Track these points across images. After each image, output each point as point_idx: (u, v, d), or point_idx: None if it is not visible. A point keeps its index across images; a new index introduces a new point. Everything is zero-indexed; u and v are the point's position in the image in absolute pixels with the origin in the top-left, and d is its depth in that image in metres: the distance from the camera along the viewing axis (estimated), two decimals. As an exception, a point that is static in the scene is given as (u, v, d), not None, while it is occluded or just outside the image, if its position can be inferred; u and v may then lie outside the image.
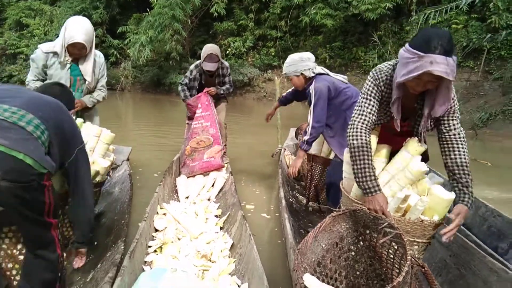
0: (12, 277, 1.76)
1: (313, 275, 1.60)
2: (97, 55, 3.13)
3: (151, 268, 2.12)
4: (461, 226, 2.37)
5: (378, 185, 1.73)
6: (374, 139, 1.93)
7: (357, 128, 1.81)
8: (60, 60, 2.89)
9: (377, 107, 1.85)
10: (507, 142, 6.84)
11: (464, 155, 1.77)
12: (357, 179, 1.77)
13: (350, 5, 11.32)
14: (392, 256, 1.57)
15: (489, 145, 6.84)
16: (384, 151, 1.95)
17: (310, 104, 2.78)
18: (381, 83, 1.83)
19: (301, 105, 12.20)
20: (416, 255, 1.71)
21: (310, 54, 2.94)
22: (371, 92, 1.85)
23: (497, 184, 4.28)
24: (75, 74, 3.01)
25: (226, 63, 4.32)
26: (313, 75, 2.80)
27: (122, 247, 2.11)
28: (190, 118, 4.18)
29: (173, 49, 12.91)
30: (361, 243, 1.73)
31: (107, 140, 2.68)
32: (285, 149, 4.62)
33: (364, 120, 1.82)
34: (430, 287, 1.51)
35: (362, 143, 1.77)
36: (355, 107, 1.92)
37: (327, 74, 2.91)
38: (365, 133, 1.80)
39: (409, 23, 10.69)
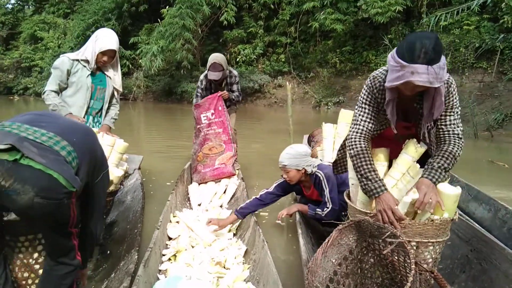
0: (28, 286, 1.79)
1: None
2: None
3: (165, 277, 2.12)
4: (481, 228, 2.33)
5: (383, 185, 1.72)
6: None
7: (352, 138, 1.85)
8: (90, 66, 2.99)
9: (373, 114, 1.86)
10: (524, 143, 6.70)
11: (454, 148, 1.73)
12: (362, 184, 1.78)
13: (360, 9, 11.32)
14: (403, 262, 1.54)
15: (505, 147, 6.70)
16: (382, 155, 1.96)
17: (319, 190, 2.72)
18: (375, 90, 1.83)
19: (312, 110, 12.26)
20: (434, 256, 1.68)
21: (305, 147, 2.88)
22: (366, 99, 1.87)
23: (516, 186, 4.18)
24: (96, 82, 3.07)
25: (235, 72, 4.33)
26: (314, 170, 2.73)
27: (136, 257, 2.11)
28: (196, 122, 4.15)
29: (184, 58, 13.06)
30: (371, 252, 1.70)
31: (120, 150, 2.70)
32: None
33: (359, 129, 1.86)
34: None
35: (358, 150, 1.80)
36: (352, 118, 1.94)
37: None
38: (360, 141, 1.83)
39: (420, 25, 10.61)
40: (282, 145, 2.85)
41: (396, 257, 1.55)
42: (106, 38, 2.96)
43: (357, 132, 1.85)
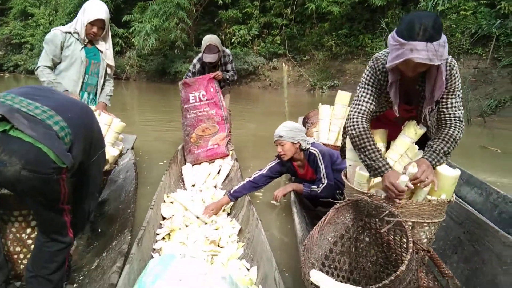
0: (19, 261, 1.78)
1: (321, 269, 1.60)
2: None
3: (159, 255, 2.13)
4: (474, 211, 2.36)
5: (387, 164, 1.73)
6: None
7: (353, 118, 1.83)
8: (80, 37, 2.90)
9: (375, 95, 1.85)
10: (516, 130, 6.77)
11: (454, 131, 1.74)
12: (365, 164, 1.77)
13: (357, -8, 11.16)
14: (398, 242, 1.55)
15: (497, 132, 6.76)
16: (380, 136, 1.96)
17: (313, 167, 2.75)
18: (378, 72, 1.82)
19: (306, 93, 12.22)
20: (428, 236, 1.70)
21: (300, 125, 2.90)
22: (369, 81, 1.85)
23: (508, 170, 4.23)
24: (90, 56, 3.00)
25: (228, 51, 4.25)
26: (308, 147, 2.75)
27: (129, 237, 2.09)
28: (183, 101, 4.08)
29: (178, 38, 12.84)
30: (367, 231, 1.71)
31: (117, 129, 2.67)
32: (293, 138, 4.58)
33: (361, 109, 1.84)
34: (438, 271, 1.49)
35: (360, 130, 1.78)
36: (353, 98, 1.92)
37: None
38: (361, 121, 1.81)
39: (417, 9, 10.50)
40: (276, 127, 2.84)
41: (392, 236, 1.56)
42: (94, 9, 2.88)
43: (359, 113, 1.83)
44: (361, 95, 1.86)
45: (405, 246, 1.49)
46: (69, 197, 1.68)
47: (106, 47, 3.07)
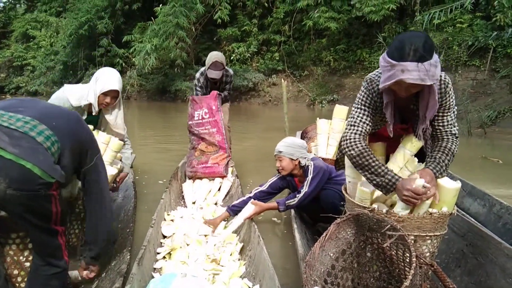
0: (17, 284, 1.75)
1: (323, 287, 1.57)
2: None
3: (160, 275, 2.10)
4: (478, 224, 2.33)
5: (395, 174, 1.69)
6: None
7: (350, 139, 1.80)
8: (95, 110, 2.72)
9: (371, 116, 1.84)
10: (516, 140, 6.75)
11: (452, 145, 1.74)
12: (374, 183, 1.73)
13: (353, 8, 11.33)
14: (401, 257, 1.53)
15: (498, 143, 6.75)
16: (379, 149, 1.97)
17: (305, 178, 2.71)
18: (373, 93, 1.82)
19: (306, 108, 12.26)
20: (431, 250, 1.68)
21: (302, 141, 2.91)
22: (364, 101, 1.85)
23: (510, 180, 4.20)
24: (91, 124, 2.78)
25: (231, 71, 4.32)
26: (307, 163, 2.73)
27: (128, 257, 2.07)
28: (189, 117, 4.08)
29: (178, 57, 12.98)
30: (369, 246, 1.69)
31: (115, 148, 2.66)
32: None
33: (357, 130, 1.81)
34: (443, 285, 1.46)
35: (360, 149, 1.75)
36: (348, 119, 1.91)
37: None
38: (360, 141, 1.78)
39: (414, 23, 10.65)
40: (277, 142, 2.84)
41: (394, 251, 1.54)
42: (107, 78, 2.70)
43: (355, 133, 1.80)
44: (357, 116, 1.84)
45: (408, 260, 1.47)
46: (63, 218, 1.62)
47: (115, 116, 2.86)
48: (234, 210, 2.79)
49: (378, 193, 1.84)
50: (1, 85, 21.75)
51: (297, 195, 2.61)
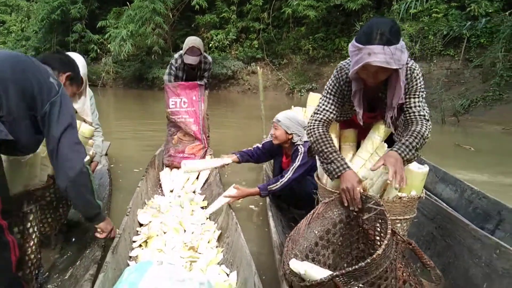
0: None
1: (303, 260, 1.59)
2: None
3: (136, 263, 2.07)
4: (447, 207, 2.40)
5: (345, 163, 1.73)
6: (333, 130, 1.98)
7: (311, 125, 1.88)
8: None
9: (337, 104, 1.89)
10: (488, 128, 6.96)
11: (421, 128, 1.71)
12: (324, 166, 1.79)
13: (332, -4, 11.33)
14: (384, 237, 1.56)
15: (471, 131, 6.95)
16: (350, 135, 2.01)
17: (292, 161, 2.72)
18: (342, 82, 1.85)
19: (285, 96, 12.28)
20: (401, 233, 1.72)
21: (304, 120, 2.88)
22: (331, 90, 1.89)
23: (481, 168, 4.34)
24: None
25: (210, 58, 4.24)
26: (299, 143, 2.75)
27: (103, 244, 2.04)
28: (165, 104, 3.99)
29: (154, 43, 12.71)
30: (355, 227, 1.71)
31: (86, 134, 2.57)
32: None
33: (318, 117, 1.88)
34: (420, 262, 1.50)
35: (317, 136, 1.82)
36: (315, 107, 1.94)
37: None
38: (318, 127, 1.85)
39: (391, 12, 10.74)
40: (255, 131, 2.87)
41: (378, 231, 1.57)
42: None
43: (316, 120, 1.88)
44: (322, 104, 1.90)
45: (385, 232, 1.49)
46: (7, 204, 1.41)
47: (82, 104, 2.70)
48: (243, 156, 3.09)
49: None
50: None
51: (280, 180, 2.62)
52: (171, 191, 3.38)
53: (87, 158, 2.48)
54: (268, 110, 5.16)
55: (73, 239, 2.38)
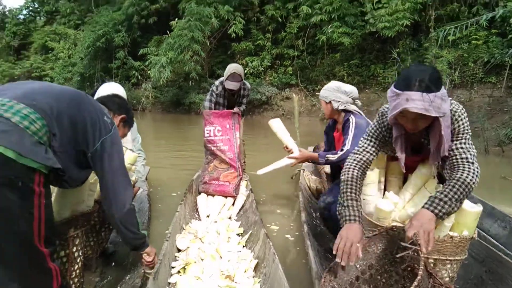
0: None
1: None
2: None
3: (175, 290, 2.09)
4: (498, 250, 2.27)
5: (357, 216, 1.67)
6: (375, 173, 1.94)
7: (348, 164, 1.89)
8: None
9: (377, 147, 1.89)
10: (535, 159, 6.60)
11: (464, 174, 1.58)
12: (339, 208, 1.78)
13: (367, 23, 11.37)
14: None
15: (517, 162, 6.61)
16: (398, 167, 1.93)
17: (344, 134, 2.71)
18: (383, 127, 1.86)
19: (319, 122, 12.23)
20: (451, 274, 1.64)
21: (351, 88, 2.82)
22: (373, 133, 1.90)
23: (530, 202, 4.09)
24: None
25: (248, 85, 4.35)
26: (341, 108, 2.73)
27: (142, 271, 2.08)
28: (203, 131, 4.07)
29: (192, 70, 13.18)
30: (398, 265, 1.66)
31: (130, 160, 2.67)
32: (304, 169, 4.53)
33: (357, 157, 1.89)
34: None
35: (349, 177, 1.82)
36: (357, 146, 1.96)
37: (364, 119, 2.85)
38: (354, 169, 1.85)
39: (428, 39, 10.62)
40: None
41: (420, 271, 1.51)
42: (107, 90, 2.66)
43: (354, 160, 1.88)
44: (362, 144, 1.92)
45: (432, 283, 1.43)
46: (49, 235, 1.38)
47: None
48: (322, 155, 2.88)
49: (396, 212, 1.81)
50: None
51: (338, 152, 2.62)
52: (208, 216, 3.41)
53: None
54: (302, 136, 5.17)
55: (113, 264, 2.45)
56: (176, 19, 13.53)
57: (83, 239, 2.02)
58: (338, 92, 2.75)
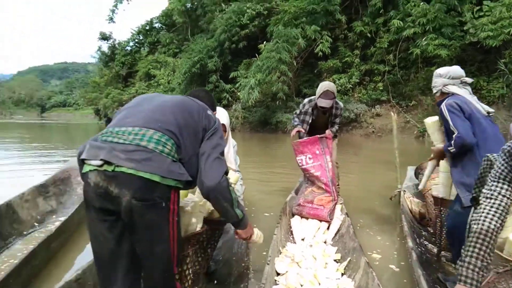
0: None
1: None
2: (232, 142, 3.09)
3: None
4: None
5: (476, 281, 1.45)
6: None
7: (482, 211, 1.55)
8: None
9: (511, 189, 1.56)
10: None
11: None
12: (459, 262, 1.52)
13: (467, 33, 10.53)
14: None
15: None
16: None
17: (445, 123, 2.55)
18: None
19: (414, 140, 11.52)
20: None
21: (446, 69, 2.66)
22: (502, 174, 1.58)
23: None
24: None
25: (341, 104, 4.29)
26: (439, 92, 2.60)
27: None
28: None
29: (279, 90, 13.47)
30: None
31: (233, 180, 2.78)
32: (405, 191, 4.26)
33: (495, 203, 1.54)
34: None
35: (486, 227, 1.50)
36: (485, 190, 1.63)
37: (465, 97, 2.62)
38: (493, 218, 1.51)
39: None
40: (385, 178, 2.70)
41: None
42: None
43: (492, 206, 1.54)
44: (494, 189, 1.58)
45: None
46: (179, 252, 1.55)
47: (226, 151, 2.85)
48: None
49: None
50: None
51: (452, 143, 2.46)
52: (303, 239, 3.39)
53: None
54: (400, 156, 4.89)
55: (215, 282, 2.54)
56: (265, 42, 14.05)
57: (193, 258, 2.15)
58: (435, 78, 2.65)
